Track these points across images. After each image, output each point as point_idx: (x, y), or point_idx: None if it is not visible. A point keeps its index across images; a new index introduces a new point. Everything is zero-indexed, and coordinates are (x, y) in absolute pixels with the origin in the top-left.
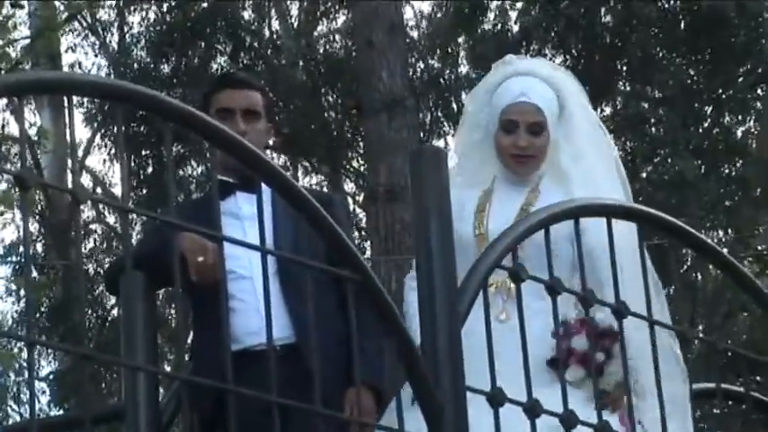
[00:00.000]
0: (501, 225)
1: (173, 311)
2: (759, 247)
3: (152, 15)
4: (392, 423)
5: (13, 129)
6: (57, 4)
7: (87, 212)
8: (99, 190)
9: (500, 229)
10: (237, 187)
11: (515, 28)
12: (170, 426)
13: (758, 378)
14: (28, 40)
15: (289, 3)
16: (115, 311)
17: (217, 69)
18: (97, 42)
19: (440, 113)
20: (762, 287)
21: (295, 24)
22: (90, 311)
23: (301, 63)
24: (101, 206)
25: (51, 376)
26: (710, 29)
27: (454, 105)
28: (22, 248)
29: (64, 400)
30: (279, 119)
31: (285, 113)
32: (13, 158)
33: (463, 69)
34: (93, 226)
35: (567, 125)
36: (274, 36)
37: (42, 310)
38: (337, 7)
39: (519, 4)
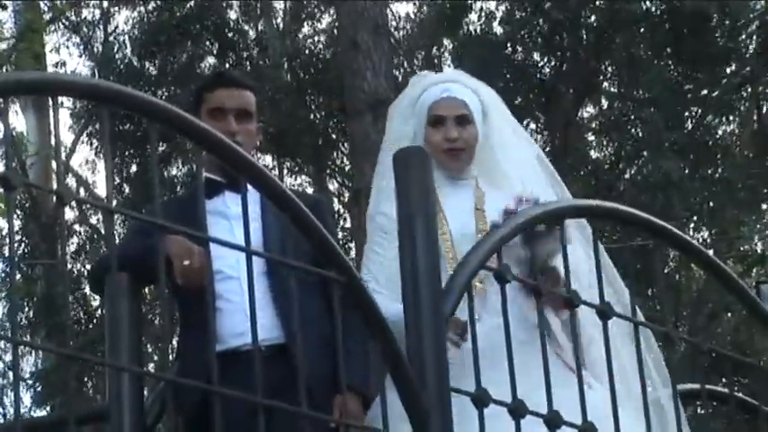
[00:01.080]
0: (460, 224)
1: (157, 312)
2: (742, 248)
3: (137, 15)
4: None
5: None
6: (41, 4)
7: (70, 213)
8: (83, 191)
9: (460, 228)
10: (225, 186)
11: (499, 30)
12: (154, 427)
13: (742, 379)
14: (11, 41)
15: (274, 3)
16: (100, 311)
17: (204, 69)
18: (81, 42)
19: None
20: (746, 288)
21: (281, 25)
22: (75, 310)
23: (286, 63)
24: (84, 206)
25: (34, 375)
26: (692, 30)
27: None
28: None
29: (48, 398)
30: (264, 119)
31: (270, 113)
32: None
33: (448, 70)
34: (76, 226)
35: (491, 127)
36: (260, 36)
37: (26, 308)
38: (323, 8)
39: (502, 7)
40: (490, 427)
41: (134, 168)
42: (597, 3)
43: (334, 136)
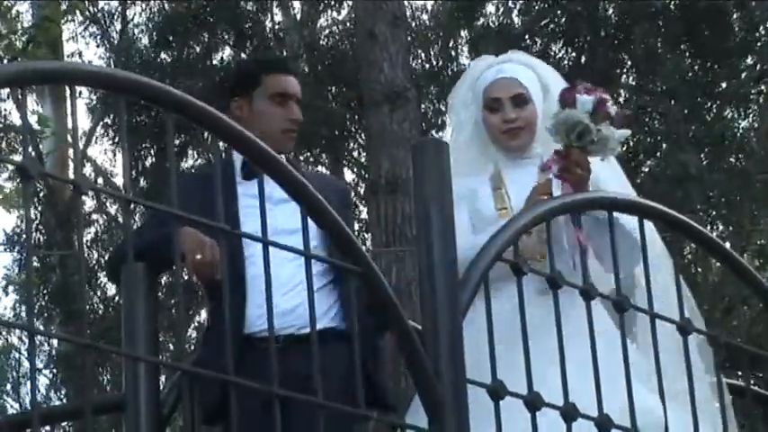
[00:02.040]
0: (521, 201)
1: (173, 301)
2: (760, 242)
3: (154, 5)
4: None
5: (15, 119)
6: None
7: (89, 202)
8: (100, 180)
9: (522, 205)
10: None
11: (517, 21)
12: (170, 417)
13: (759, 373)
14: (30, 31)
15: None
16: (117, 299)
17: (220, 60)
18: (99, 32)
19: (441, 106)
20: (762, 281)
21: (298, 16)
22: (91, 299)
23: (304, 54)
24: (102, 196)
25: (50, 361)
26: (710, 23)
27: None
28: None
29: (63, 383)
30: None
31: None
32: (14, 149)
33: (465, 62)
34: (94, 216)
35: (554, 102)
36: (276, 27)
37: (42, 296)
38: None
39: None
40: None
41: (150, 160)
42: None
43: (350, 127)
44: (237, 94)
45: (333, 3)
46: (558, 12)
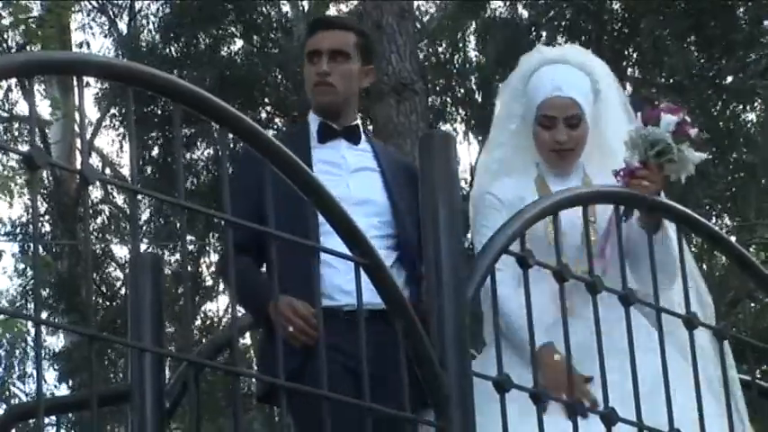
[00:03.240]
0: (569, 216)
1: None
2: (766, 236)
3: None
4: None
5: (23, 108)
6: None
7: (95, 193)
8: (108, 170)
9: (569, 220)
10: (341, 134)
11: (525, 14)
12: (175, 409)
13: (764, 366)
14: (38, 20)
15: None
16: (124, 290)
17: (228, 52)
18: (107, 22)
19: (448, 98)
20: (767, 274)
21: (305, 7)
22: (98, 288)
23: None
24: (109, 187)
25: (57, 354)
26: (716, 16)
27: (462, 90)
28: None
29: (71, 375)
30: (289, 101)
31: (296, 96)
32: (21, 138)
33: (472, 54)
34: (101, 206)
35: (602, 106)
36: (284, 20)
37: (49, 285)
38: None
39: None
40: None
41: (156, 151)
42: None
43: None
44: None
45: None
46: (565, 5)
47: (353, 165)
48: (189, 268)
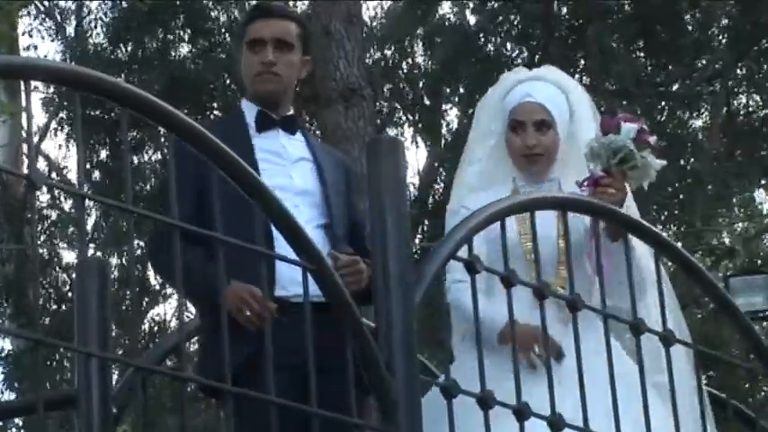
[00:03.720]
0: (542, 224)
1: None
2: (712, 242)
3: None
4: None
5: None
6: None
7: (43, 197)
8: (54, 175)
9: (541, 231)
10: (278, 124)
11: (472, 19)
12: (122, 413)
13: (711, 372)
14: None
15: None
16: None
17: (177, 56)
18: (54, 27)
19: (396, 104)
20: (715, 282)
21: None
22: (45, 290)
23: None
24: (56, 191)
25: (3, 357)
26: (664, 23)
27: (410, 95)
28: None
29: (18, 381)
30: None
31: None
32: None
33: (420, 60)
34: (47, 211)
35: (578, 125)
36: (233, 22)
37: None
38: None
39: None
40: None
41: (104, 154)
42: None
43: (306, 124)
44: (239, 51)
45: (285, 0)
46: (513, 11)
47: (294, 155)
48: (136, 273)
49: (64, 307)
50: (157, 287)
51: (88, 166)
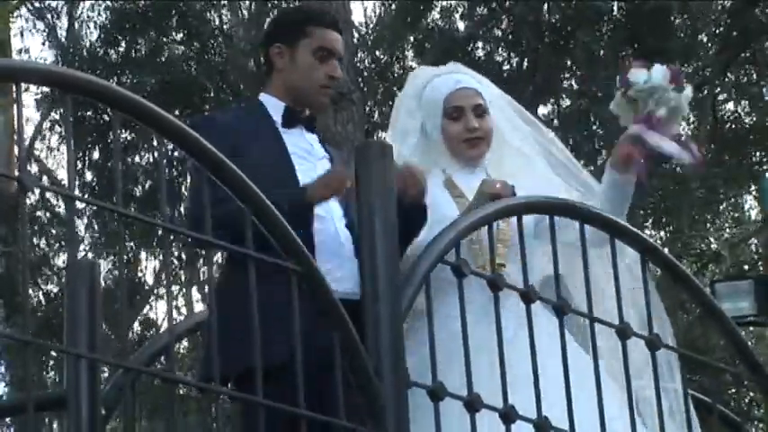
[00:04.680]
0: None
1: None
2: (699, 248)
3: (101, 3)
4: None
5: None
6: None
7: (33, 198)
8: (45, 178)
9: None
10: (303, 122)
11: (461, 26)
12: (111, 414)
13: (696, 377)
14: None
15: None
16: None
17: (167, 57)
18: (46, 28)
19: (386, 108)
20: (701, 287)
21: (245, 15)
22: (35, 291)
23: (251, 53)
24: (46, 193)
25: None
26: (652, 29)
27: None
28: None
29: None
30: (228, 106)
31: (236, 101)
32: None
33: (411, 64)
34: (38, 213)
35: (496, 113)
36: (224, 26)
37: None
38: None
39: (464, 3)
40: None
41: (96, 155)
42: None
43: None
44: (281, 41)
45: (280, 3)
46: (502, 16)
47: (319, 152)
48: (128, 272)
49: (57, 302)
50: (147, 287)
51: (80, 167)
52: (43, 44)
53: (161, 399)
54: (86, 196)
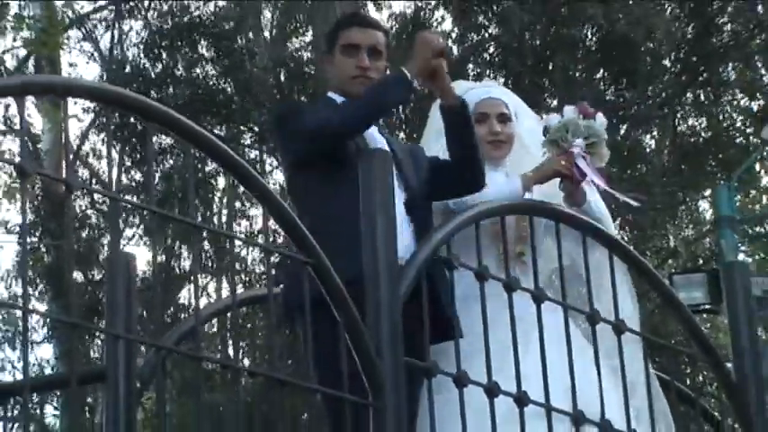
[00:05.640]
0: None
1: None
2: (664, 244)
3: (142, 23)
4: None
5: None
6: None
7: (82, 201)
8: (93, 180)
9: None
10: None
11: (456, 50)
12: (145, 388)
13: (657, 359)
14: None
15: (264, 20)
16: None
17: (199, 73)
18: (92, 46)
19: (383, 121)
20: (661, 279)
21: (268, 38)
22: (86, 274)
23: (273, 71)
24: (92, 193)
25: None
26: (622, 54)
27: (402, 117)
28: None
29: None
30: (252, 117)
31: (258, 112)
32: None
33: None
34: (89, 212)
35: (519, 121)
36: (249, 45)
37: (40, 275)
38: (305, 25)
39: (456, 29)
40: None
41: (140, 157)
42: (539, 28)
43: None
44: (327, 51)
45: (298, 27)
46: (491, 43)
47: (378, 139)
48: (165, 259)
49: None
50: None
51: (125, 168)
52: (87, 62)
53: (189, 375)
54: (133, 194)
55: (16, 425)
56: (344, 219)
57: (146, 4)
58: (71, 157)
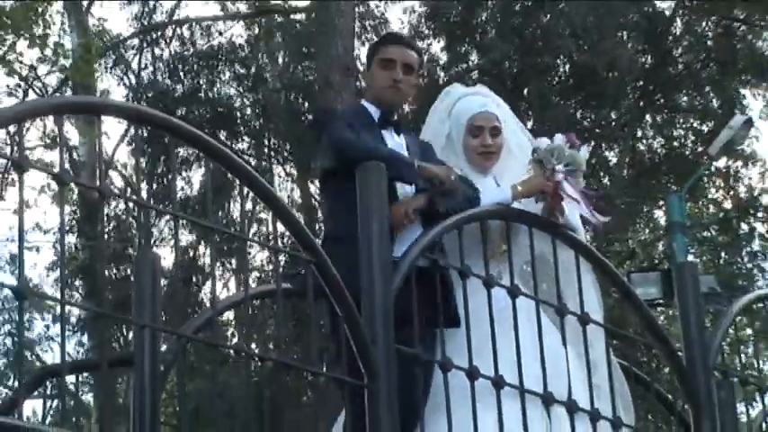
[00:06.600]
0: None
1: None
2: (624, 246)
3: (164, 48)
4: None
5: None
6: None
7: (118, 207)
8: (128, 189)
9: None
10: (393, 125)
11: (443, 75)
12: (168, 373)
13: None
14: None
15: (276, 51)
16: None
17: (216, 93)
18: (122, 72)
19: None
20: (621, 277)
21: (280, 62)
22: (112, 274)
23: (283, 93)
24: (125, 201)
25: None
26: (590, 80)
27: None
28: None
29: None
30: (267, 133)
31: (270, 130)
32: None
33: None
34: (123, 216)
35: (506, 127)
36: (262, 69)
37: (75, 273)
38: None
39: (445, 57)
40: None
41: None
42: (516, 57)
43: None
44: (367, 66)
45: (305, 52)
46: (475, 70)
47: (403, 147)
48: (187, 257)
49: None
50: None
51: (155, 176)
52: (118, 85)
53: (206, 361)
54: (161, 202)
55: (56, 401)
56: None
57: (168, 33)
58: (103, 167)
